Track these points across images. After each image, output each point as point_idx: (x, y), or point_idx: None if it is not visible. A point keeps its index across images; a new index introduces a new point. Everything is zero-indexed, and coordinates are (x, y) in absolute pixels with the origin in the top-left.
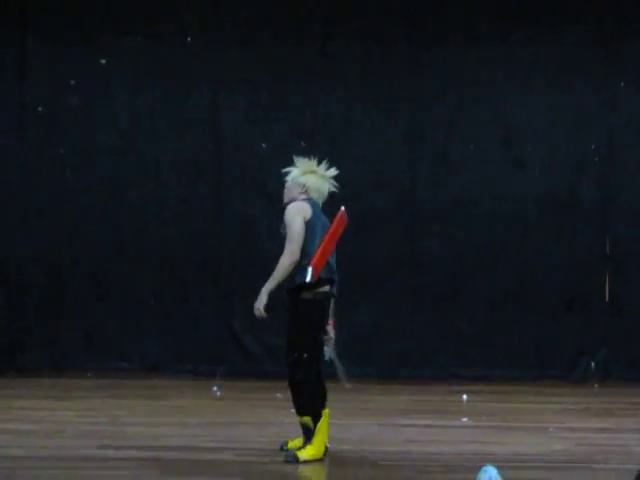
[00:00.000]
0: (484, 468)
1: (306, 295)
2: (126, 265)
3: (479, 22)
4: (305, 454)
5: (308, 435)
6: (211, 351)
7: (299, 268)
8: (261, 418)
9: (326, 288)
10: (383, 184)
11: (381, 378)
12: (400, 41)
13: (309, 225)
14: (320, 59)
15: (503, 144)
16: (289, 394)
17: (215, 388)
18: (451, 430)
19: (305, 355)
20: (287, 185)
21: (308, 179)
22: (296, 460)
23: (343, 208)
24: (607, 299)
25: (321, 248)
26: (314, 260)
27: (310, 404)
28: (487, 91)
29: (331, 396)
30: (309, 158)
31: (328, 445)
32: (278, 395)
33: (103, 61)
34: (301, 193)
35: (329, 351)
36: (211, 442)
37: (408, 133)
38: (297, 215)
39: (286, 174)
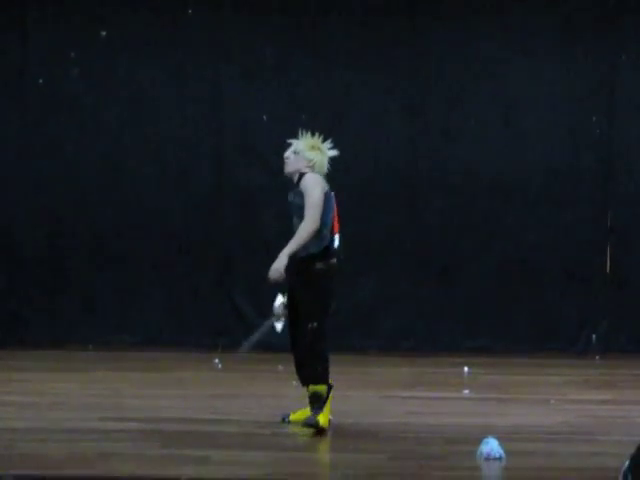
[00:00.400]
0: (485, 440)
1: (320, 265)
2: (127, 237)
3: None
4: (322, 420)
5: (320, 404)
6: (212, 323)
7: (314, 238)
8: (262, 390)
9: (335, 260)
10: (384, 157)
11: (382, 350)
12: (401, 13)
13: (325, 197)
14: (321, 32)
15: (504, 117)
16: (291, 366)
17: (216, 360)
18: (452, 402)
19: (322, 324)
20: (292, 156)
21: (315, 155)
22: (316, 424)
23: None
24: (608, 271)
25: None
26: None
27: (326, 373)
28: (488, 64)
29: (332, 368)
30: (314, 134)
31: (331, 417)
32: (279, 367)
33: (104, 33)
34: (307, 167)
35: (271, 321)
36: (212, 414)
37: (409, 106)
38: (317, 185)
39: (289, 145)
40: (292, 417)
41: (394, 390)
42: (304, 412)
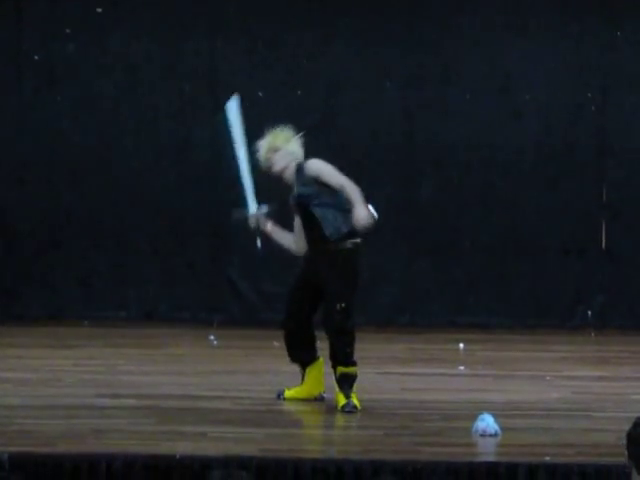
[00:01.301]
0: (481, 416)
1: (349, 244)
2: (123, 213)
3: None
4: (356, 401)
5: (350, 385)
6: (209, 299)
7: (343, 217)
8: (258, 366)
9: (358, 239)
10: (379, 132)
11: (378, 326)
12: None
13: None
14: (317, 7)
15: (500, 92)
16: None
17: (212, 337)
18: (448, 378)
19: (351, 304)
20: (274, 155)
21: (294, 146)
22: (355, 408)
23: None
24: (604, 247)
25: None
26: None
27: (353, 353)
28: (484, 39)
29: (325, 345)
30: (278, 130)
31: (325, 395)
32: (275, 344)
33: (99, 10)
34: (293, 159)
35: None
36: (208, 390)
37: (404, 81)
38: (327, 164)
39: (258, 149)
40: (287, 394)
41: (390, 366)
42: (300, 389)
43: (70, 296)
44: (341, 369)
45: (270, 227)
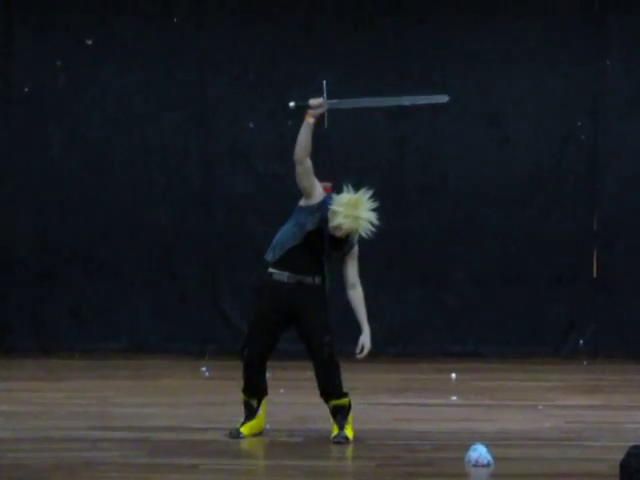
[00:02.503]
0: (473, 446)
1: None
2: (114, 245)
3: None
4: (351, 434)
5: (344, 416)
6: (200, 330)
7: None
8: None
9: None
10: (370, 160)
11: (369, 356)
12: (386, 17)
13: None
14: (305, 36)
15: (489, 120)
16: (279, 372)
17: (204, 368)
18: (440, 408)
19: (333, 337)
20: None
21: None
22: (347, 439)
23: None
24: (595, 275)
25: None
26: None
27: (342, 383)
28: (474, 67)
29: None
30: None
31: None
32: (267, 374)
33: (89, 42)
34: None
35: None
36: (200, 422)
37: (395, 109)
38: None
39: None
40: (244, 430)
41: (381, 397)
42: (256, 422)
43: (61, 328)
44: (334, 402)
45: (312, 121)
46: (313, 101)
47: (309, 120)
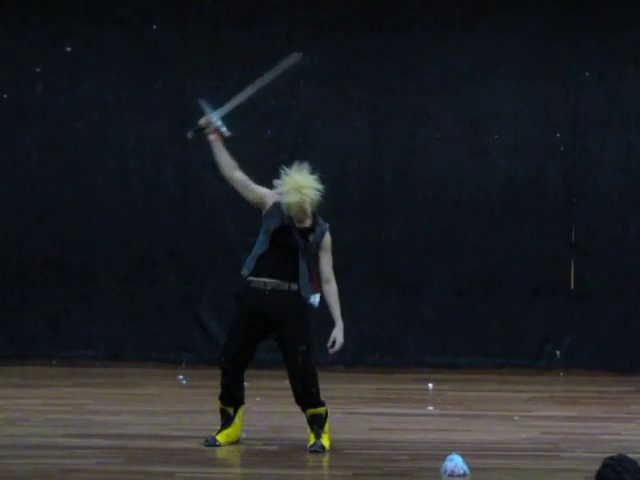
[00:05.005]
0: (450, 456)
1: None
2: (91, 252)
3: (445, 9)
4: (327, 443)
5: (320, 425)
6: (177, 339)
7: (311, 285)
8: None
9: None
10: (349, 171)
11: (346, 366)
12: (366, 27)
13: None
14: (286, 46)
15: (469, 132)
16: (255, 381)
17: (181, 377)
18: (417, 419)
19: (310, 345)
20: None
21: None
22: (323, 448)
23: None
24: (572, 287)
25: None
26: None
27: (319, 392)
28: (453, 79)
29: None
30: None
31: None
32: (245, 384)
33: (69, 49)
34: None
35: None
36: (177, 430)
37: (374, 120)
38: None
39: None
40: (221, 438)
41: (358, 406)
42: (232, 430)
43: (38, 335)
44: (310, 411)
45: (214, 138)
46: (202, 122)
47: (211, 138)
